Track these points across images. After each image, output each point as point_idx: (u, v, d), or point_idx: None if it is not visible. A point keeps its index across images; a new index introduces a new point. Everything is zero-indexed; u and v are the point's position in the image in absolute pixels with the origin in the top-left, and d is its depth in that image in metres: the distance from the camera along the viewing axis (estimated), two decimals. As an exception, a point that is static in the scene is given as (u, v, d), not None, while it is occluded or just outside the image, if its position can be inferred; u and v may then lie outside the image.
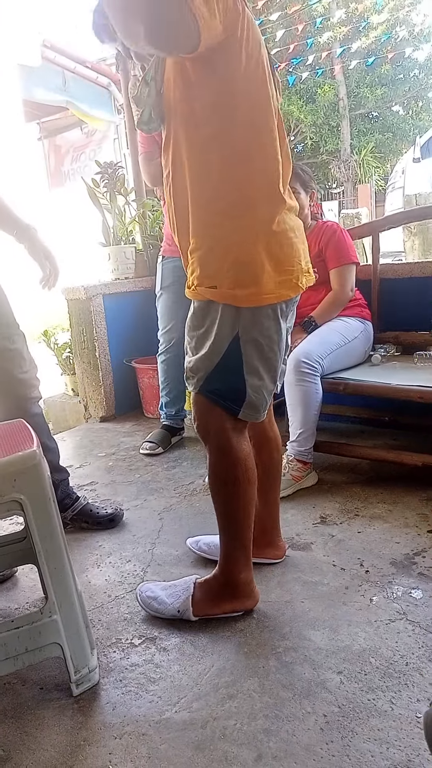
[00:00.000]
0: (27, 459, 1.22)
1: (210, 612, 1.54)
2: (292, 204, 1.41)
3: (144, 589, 1.64)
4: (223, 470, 1.48)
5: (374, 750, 1.12)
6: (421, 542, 1.84)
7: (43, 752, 1.19)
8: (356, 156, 18.13)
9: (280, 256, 1.35)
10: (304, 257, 1.42)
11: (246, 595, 1.55)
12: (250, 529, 1.53)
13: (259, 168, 1.32)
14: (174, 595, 1.58)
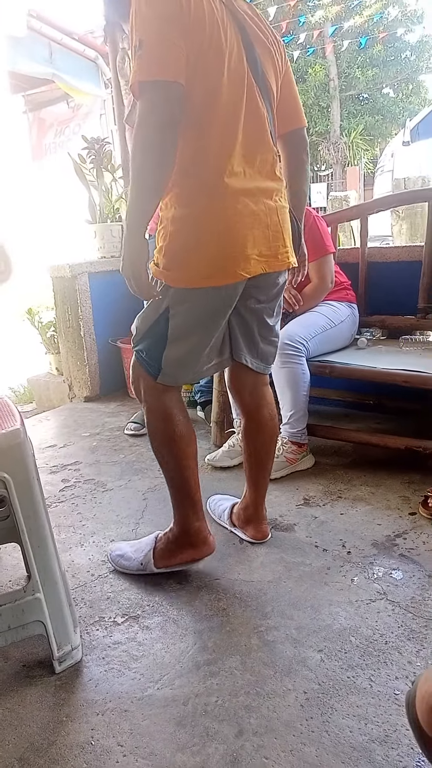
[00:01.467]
0: (11, 437, 1.21)
1: (169, 563, 1.65)
2: (258, 186, 1.44)
3: (113, 549, 1.77)
4: (153, 426, 1.60)
5: (353, 726, 1.14)
6: (403, 524, 1.87)
7: (26, 728, 1.20)
8: (346, 138, 18.00)
9: (210, 244, 1.41)
10: (256, 244, 1.44)
11: (200, 543, 1.64)
12: (191, 481, 1.63)
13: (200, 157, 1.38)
14: (139, 550, 1.70)
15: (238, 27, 1.40)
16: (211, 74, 1.35)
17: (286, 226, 1.53)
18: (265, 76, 1.46)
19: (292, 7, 13.35)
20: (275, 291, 1.60)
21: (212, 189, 1.40)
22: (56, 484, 2.37)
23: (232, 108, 1.39)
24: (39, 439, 2.89)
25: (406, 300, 2.58)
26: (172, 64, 1.28)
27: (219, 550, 1.78)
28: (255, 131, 1.43)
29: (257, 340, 1.65)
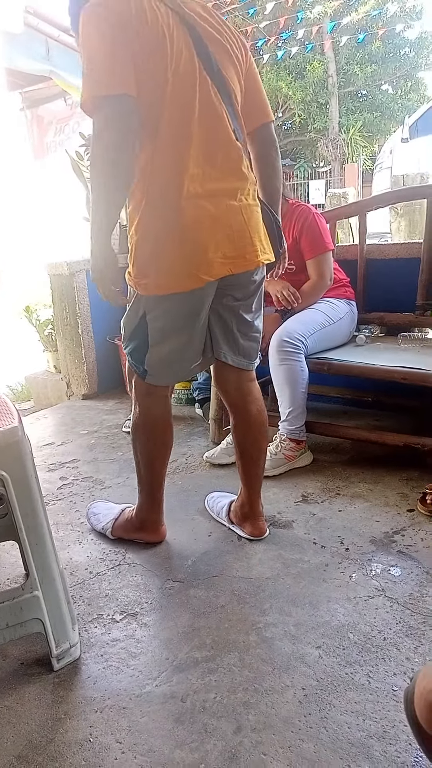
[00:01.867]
0: (9, 435, 1.21)
1: (122, 535, 1.85)
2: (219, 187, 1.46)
3: (93, 505, 2.01)
4: (137, 425, 1.72)
5: (351, 722, 1.14)
6: (401, 521, 1.87)
7: (24, 726, 1.20)
8: (344, 135, 17.96)
9: (172, 252, 1.45)
10: (219, 247, 1.47)
11: (150, 531, 1.82)
12: (154, 481, 1.78)
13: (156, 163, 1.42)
14: (108, 515, 1.90)
15: (187, 28, 1.41)
16: (157, 79, 1.37)
17: (253, 225, 1.54)
18: (221, 71, 1.46)
19: (290, 3, 13.30)
20: (252, 288, 1.62)
21: (169, 195, 1.42)
22: (54, 481, 2.37)
23: (183, 109, 1.41)
24: (37, 436, 2.89)
25: (405, 297, 2.58)
26: (120, 78, 1.31)
27: (217, 547, 1.78)
28: (212, 129, 1.44)
29: (237, 337, 1.66)
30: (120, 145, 1.33)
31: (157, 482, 1.79)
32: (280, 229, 1.72)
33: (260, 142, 1.67)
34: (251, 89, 1.60)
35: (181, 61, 1.39)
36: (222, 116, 1.47)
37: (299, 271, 2.43)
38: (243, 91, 1.57)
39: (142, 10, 1.34)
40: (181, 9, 1.43)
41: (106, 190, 1.38)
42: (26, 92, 6.73)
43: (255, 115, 1.63)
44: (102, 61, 1.32)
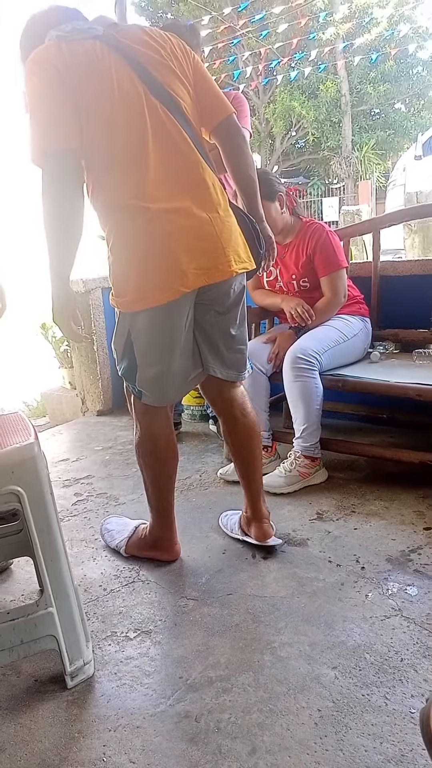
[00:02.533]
0: (25, 451, 1.22)
1: (136, 553, 1.85)
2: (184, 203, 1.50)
3: (107, 521, 2.02)
4: (138, 443, 1.75)
5: (368, 745, 1.12)
6: (417, 539, 1.85)
7: (38, 744, 1.19)
8: (357, 153, 18.07)
9: (145, 268, 1.49)
10: (193, 258, 1.50)
11: (164, 549, 1.82)
12: (163, 499, 1.79)
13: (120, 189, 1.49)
14: (122, 532, 1.91)
15: (125, 59, 1.47)
16: (105, 115, 1.44)
17: (226, 236, 1.56)
18: (167, 90, 1.51)
19: (303, 25, 13.50)
20: (231, 300, 1.64)
21: (136, 217, 1.48)
22: (69, 497, 2.37)
23: (136, 136, 1.46)
24: (52, 453, 2.91)
25: (419, 313, 2.57)
26: (63, 132, 1.40)
27: (231, 564, 1.77)
28: (169, 149, 1.50)
29: (222, 351, 1.70)
30: (65, 198, 1.43)
31: (165, 500, 1.80)
32: (257, 230, 1.71)
33: (225, 135, 1.66)
34: (202, 92, 1.62)
35: (124, 91, 1.45)
36: (177, 134, 1.51)
37: (313, 288, 2.44)
38: (194, 98, 1.60)
39: (75, 52, 1.41)
40: (118, 42, 1.49)
41: (57, 238, 1.47)
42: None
43: (212, 112, 1.63)
44: (44, 117, 1.41)
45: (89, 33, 1.46)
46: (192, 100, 1.59)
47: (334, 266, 2.37)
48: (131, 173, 1.48)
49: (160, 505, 1.80)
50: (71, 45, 1.42)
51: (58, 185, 1.42)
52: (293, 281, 2.48)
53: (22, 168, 6.29)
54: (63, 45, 1.42)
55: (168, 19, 18.39)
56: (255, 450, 1.85)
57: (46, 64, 1.40)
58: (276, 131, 18.75)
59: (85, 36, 1.45)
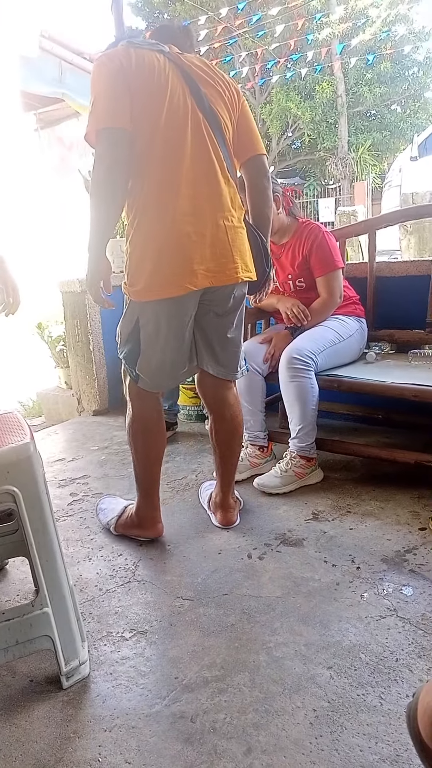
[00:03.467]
0: (20, 451, 1.22)
1: (123, 531, 1.98)
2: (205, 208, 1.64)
3: (102, 501, 2.18)
4: (130, 424, 1.88)
5: (363, 744, 1.13)
6: (413, 539, 1.85)
7: (33, 744, 1.19)
8: (353, 154, 18.09)
9: (160, 262, 1.62)
10: (204, 261, 1.64)
11: (147, 527, 1.95)
12: (148, 480, 1.91)
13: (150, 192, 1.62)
14: (113, 511, 2.05)
15: (181, 73, 1.64)
16: (152, 113, 1.58)
17: (237, 245, 1.71)
18: (212, 107, 1.67)
19: (299, 26, 13.51)
20: (231, 304, 1.78)
21: (161, 213, 1.61)
22: (65, 497, 2.37)
23: (175, 139, 1.61)
24: (48, 452, 2.90)
25: (415, 314, 2.58)
26: (118, 114, 1.55)
27: (227, 564, 1.77)
28: (202, 156, 1.64)
29: (218, 351, 1.84)
30: (113, 170, 1.57)
31: (151, 480, 1.92)
32: (266, 250, 1.86)
33: (251, 172, 1.84)
34: (243, 126, 1.80)
35: (175, 98, 1.61)
36: (212, 145, 1.66)
37: (309, 288, 2.44)
38: (235, 126, 1.77)
39: (142, 58, 1.59)
40: (179, 59, 1.67)
41: (104, 206, 1.60)
42: (40, 113, 6.87)
43: (247, 147, 1.81)
44: (103, 101, 1.56)
45: (156, 47, 1.65)
46: (233, 130, 1.76)
47: (330, 267, 2.37)
48: (165, 172, 1.61)
49: (146, 484, 1.92)
50: (139, 51, 1.60)
51: (107, 158, 1.56)
52: (289, 281, 2.48)
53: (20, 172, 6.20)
54: (131, 50, 1.60)
55: (164, 20, 18.38)
56: (234, 448, 2.01)
57: (113, 59, 1.57)
58: (272, 132, 18.76)
59: (153, 48, 1.64)
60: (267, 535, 1.94)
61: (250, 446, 2.43)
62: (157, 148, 1.60)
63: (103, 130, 1.56)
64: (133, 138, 1.58)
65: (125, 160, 1.58)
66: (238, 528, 2.00)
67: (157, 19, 18.96)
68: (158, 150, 1.60)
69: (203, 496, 2.20)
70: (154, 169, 1.61)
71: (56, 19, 7.04)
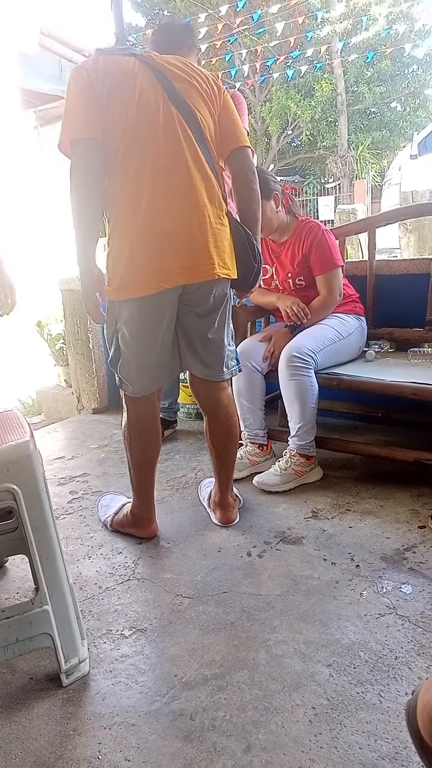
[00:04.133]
0: (20, 449, 1.22)
1: (118, 528, 2.01)
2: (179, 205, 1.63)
3: (103, 497, 2.22)
4: (125, 430, 1.90)
5: (362, 742, 1.13)
6: (412, 538, 1.85)
7: (33, 742, 1.19)
8: (353, 152, 18.07)
9: (132, 261, 1.64)
10: (177, 258, 1.64)
11: (141, 527, 1.96)
12: (143, 481, 1.92)
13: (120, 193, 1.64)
14: (111, 508, 2.08)
15: (153, 71, 1.64)
16: (121, 112, 1.59)
17: (213, 241, 1.67)
18: (187, 102, 1.66)
19: (299, 23, 13.48)
20: (212, 303, 1.76)
21: (130, 212, 1.62)
22: (64, 495, 2.37)
23: (144, 138, 1.61)
24: (47, 450, 2.90)
25: (415, 312, 2.58)
26: (88, 123, 1.58)
27: (226, 562, 1.78)
28: (175, 153, 1.63)
29: (200, 352, 1.82)
30: (86, 178, 1.60)
31: (145, 482, 1.93)
32: (253, 245, 1.80)
33: (235, 165, 1.79)
34: (225, 120, 1.77)
35: (144, 96, 1.61)
36: (186, 141, 1.64)
37: (309, 286, 2.44)
38: (217, 121, 1.74)
39: (108, 63, 1.61)
40: (151, 60, 1.66)
41: (83, 216, 1.63)
42: (40, 111, 6.85)
43: (229, 141, 1.77)
44: (72, 112, 1.60)
45: (127, 51, 1.66)
46: (215, 125, 1.74)
47: (330, 265, 2.37)
48: (134, 171, 1.61)
49: (140, 486, 1.93)
50: (107, 57, 1.63)
51: (81, 171, 1.60)
52: (289, 279, 2.48)
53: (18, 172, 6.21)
54: (100, 57, 1.63)
55: (164, 17, 18.34)
56: (230, 448, 2.00)
57: (80, 71, 1.62)
58: (272, 129, 18.73)
59: (124, 53, 1.65)
60: (266, 533, 1.94)
61: (249, 444, 2.43)
62: (125, 147, 1.61)
63: (74, 141, 1.60)
64: (105, 143, 1.60)
65: (98, 168, 1.61)
66: (237, 526, 2.00)
67: (157, 15, 18.93)
68: (127, 149, 1.61)
69: (203, 493, 2.20)
70: (124, 168, 1.62)
71: (56, 17, 7.02)
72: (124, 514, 2.00)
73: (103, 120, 1.59)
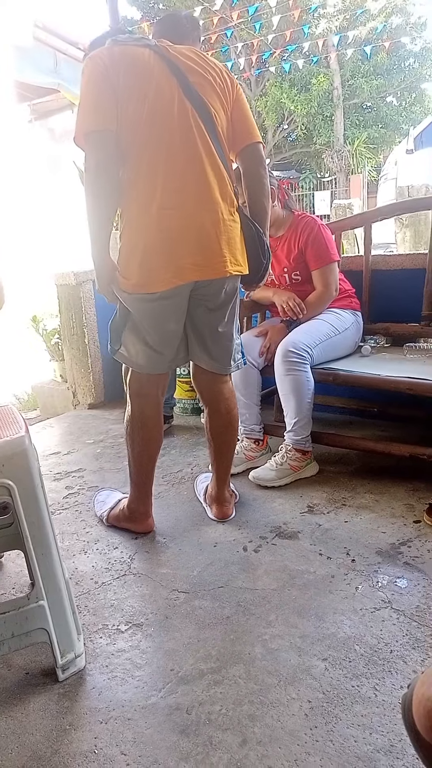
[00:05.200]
0: (16, 444, 1.21)
1: (114, 523, 2.01)
2: (193, 202, 1.63)
3: (99, 493, 2.22)
4: (128, 421, 1.88)
5: (357, 735, 1.14)
6: (407, 532, 1.86)
7: (29, 737, 1.19)
8: (349, 146, 18.05)
9: (147, 257, 1.64)
10: (191, 255, 1.64)
11: (138, 521, 1.96)
12: (142, 475, 1.92)
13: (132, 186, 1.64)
14: (107, 503, 2.08)
15: (168, 65, 1.63)
16: (136, 105, 1.59)
17: (225, 239, 1.68)
18: (201, 97, 1.66)
19: (296, 17, 13.43)
20: (222, 299, 1.77)
21: (144, 208, 1.62)
22: (60, 491, 2.37)
23: (159, 133, 1.61)
24: (43, 446, 2.90)
25: (410, 307, 2.58)
26: (102, 116, 1.57)
27: (222, 557, 1.78)
28: (188, 148, 1.63)
29: (209, 345, 1.83)
30: (100, 171, 1.60)
31: (145, 476, 1.92)
32: (263, 241, 1.81)
33: (247, 160, 1.81)
34: (238, 115, 1.77)
35: (160, 91, 1.61)
36: (200, 136, 1.64)
37: (305, 281, 2.44)
38: (229, 116, 1.75)
39: (125, 54, 1.60)
40: (166, 51, 1.66)
41: (96, 207, 1.63)
42: (35, 104, 6.81)
43: (242, 136, 1.78)
44: (88, 104, 1.59)
45: (142, 42, 1.65)
46: (227, 120, 1.74)
47: (326, 259, 2.37)
48: (149, 166, 1.61)
49: (139, 480, 1.92)
50: (122, 48, 1.61)
51: (95, 162, 1.59)
52: (285, 274, 2.48)
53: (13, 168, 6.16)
54: (115, 48, 1.61)
55: (160, 10, 18.23)
56: (230, 441, 2.01)
57: (96, 61, 1.59)
58: (268, 124, 18.69)
59: (138, 44, 1.64)
60: (262, 528, 1.94)
61: (245, 439, 2.43)
62: (140, 142, 1.61)
63: (89, 134, 1.58)
64: (119, 136, 1.60)
65: (112, 161, 1.60)
66: (233, 521, 2.00)
67: (153, 9, 18.82)
68: (142, 144, 1.61)
69: (199, 488, 2.20)
70: (138, 164, 1.62)
71: (51, 10, 6.97)
72: (121, 509, 2.00)
73: (118, 111, 1.58)
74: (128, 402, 1.87)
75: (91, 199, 1.62)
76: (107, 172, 1.60)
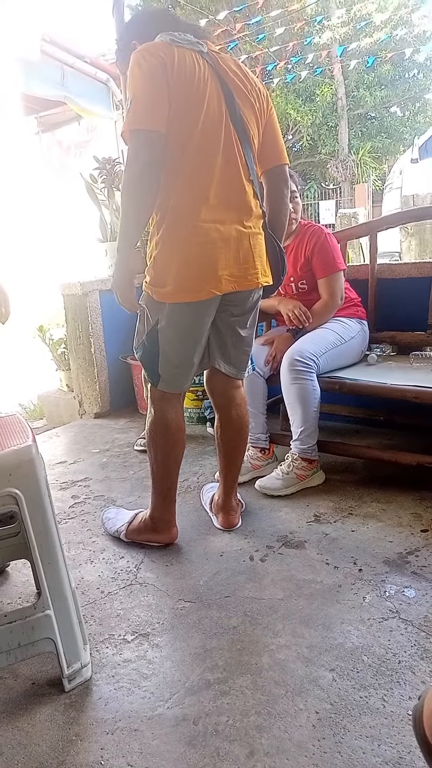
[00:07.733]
0: (23, 453, 1.22)
1: (135, 538, 1.95)
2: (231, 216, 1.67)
3: (107, 511, 2.13)
4: (150, 429, 1.86)
5: (366, 747, 1.12)
6: (415, 541, 1.85)
7: (35, 747, 1.19)
8: (354, 156, 18.10)
9: (187, 266, 1.64)
10: (227, 266, 1.67)
11: (162, 531, 1.93)
12: (167, 482, 1.89)
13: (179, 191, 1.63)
14: (121, 519, 2.01)
15: (218, 80, 1.64)
16: (189, 119, 1.59)
17: (257, 250, 1.75)
18: (243, 119, 1.68)
19: (299, 28, 13.54)
20: (248, 306, 1.82)
21: (188, 218, 1.63)
22: (66, 500, 2.37)
23: (208, 148, 1.62)
24: (49, 455, 2.90)
25: (416, 316, 2.58)
26: (154, 116, 1.55)
27: (229, 567, 1.77)
28: (231, 167, 1.66)
29: (230, 349, 1.86)
30: (144, 170, 1.57)
31: (170, 481, 1.90)
32: (283, 257, 1.89)
33: (273, 180, 1.87)
34: (269, 135, 1.81)
35: (212, 108, 1.62)
36: (240, 157, 1.68)
37: (311, 290, 2.44)
38: (261, 137, 1.78)
39: (183, 58, 1.57)
40: (217, 63, 1.67)
41: (134, 205, 1.61)
42: (41, 117, 6.89)
43: (271, 157, 1.84)
44: (141, 101, 1.55)
45: (196, 47, 1.63)
46: (259, 139, 1.78)
47: (332, 268, 2.37)
48: (196, 180, 1.63)
49: (164, 486, 1.89)
50: (181, 50, 1.59)
51: (140, 158, 1.56)
52: (291, 283, 2.48)
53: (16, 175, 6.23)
54: (174, 48, 1.58)
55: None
56: (240, 448, 2.01)
57: (156, 55, 1.55)
58: (273, 134, 18.74)
59: (193, 48, 1.62)
60: (269, 537, 1.94)
61: (251, 448, 2.43)
62: (190, 156, 1.61)
63: (139, 131, 1.55)
64: (167, 140, 1.58)
65: (157, 163, 1.58)
66: (239, 530, 2.00)
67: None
68: (191, 157, 1.62)
69: (205, 498, 2.20)
70: (186, 176, 1.62)
71: (58, 23, 7.07)
72: (140, 521, 1.96)
73: (170, 115, 1.56)
74: (151, 408, 1.86)
75: (128, 197, 1.60)
76: (151, 174, 1.58)
